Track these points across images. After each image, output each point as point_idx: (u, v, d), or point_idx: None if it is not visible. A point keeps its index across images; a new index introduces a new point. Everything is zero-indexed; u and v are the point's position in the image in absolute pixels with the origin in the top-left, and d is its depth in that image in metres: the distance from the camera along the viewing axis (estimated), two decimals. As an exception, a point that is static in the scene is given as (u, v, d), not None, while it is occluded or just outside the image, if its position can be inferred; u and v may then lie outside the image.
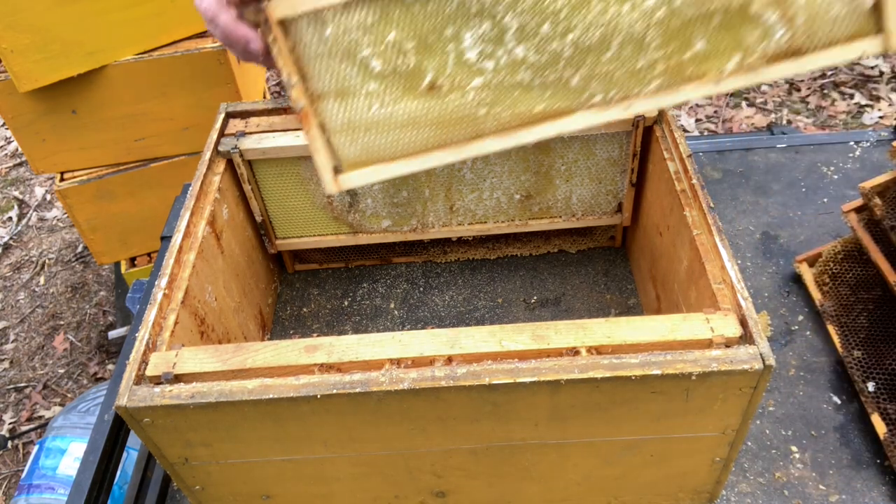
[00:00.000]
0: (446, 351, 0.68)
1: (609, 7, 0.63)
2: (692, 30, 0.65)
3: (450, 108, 0.71)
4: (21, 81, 1.61)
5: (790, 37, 0.65)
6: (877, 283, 0.97)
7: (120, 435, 0.92)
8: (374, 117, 0.72)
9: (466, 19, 0.66)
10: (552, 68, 0.67)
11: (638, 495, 0.81)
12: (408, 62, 0.69)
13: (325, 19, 0.67)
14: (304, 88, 0.71)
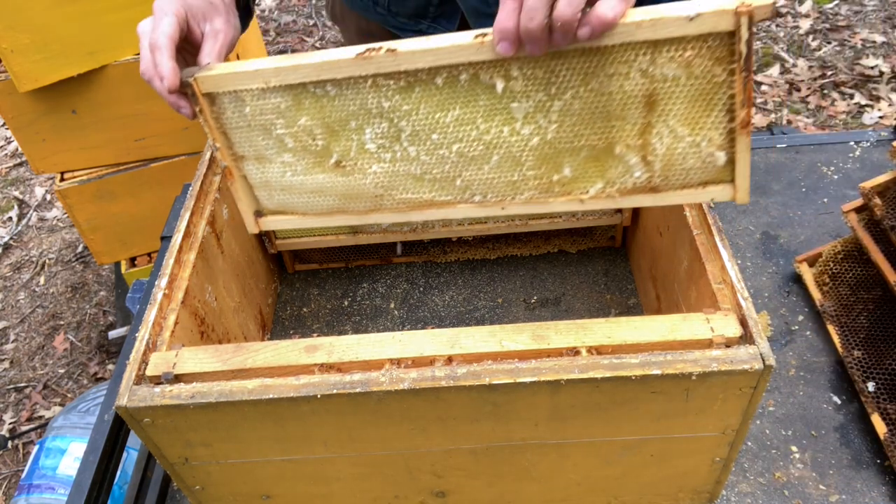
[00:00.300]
0: (446, 351, 0.68)
1: (491, 128, 0.71)
2: (562, 158, 0.72)
3: (352, 185, 0.79)
4: (21, 81, 1.61)
5: (648, 177, 0.72)
6: (877, 283, 0.97)
7: (120, 435, 0.92)
8: (288, 182, 0.81)
9: (368, 117, 0.73)
10: (440, 168, 0.75)
11: (638, 495, 0.81)
12: (317, 143, 0.77)
13: (244, 99, 0.75)
14: (228, 150, 0.80)
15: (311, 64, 0.70)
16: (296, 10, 3.77)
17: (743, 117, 0.65)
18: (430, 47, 0.67)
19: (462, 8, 1.06)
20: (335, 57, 0.70)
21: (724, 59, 0.63)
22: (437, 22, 1.09)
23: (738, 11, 0.60)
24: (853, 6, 3.17)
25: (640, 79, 0.65)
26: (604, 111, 0.68)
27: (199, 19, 0.80)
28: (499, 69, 0.68)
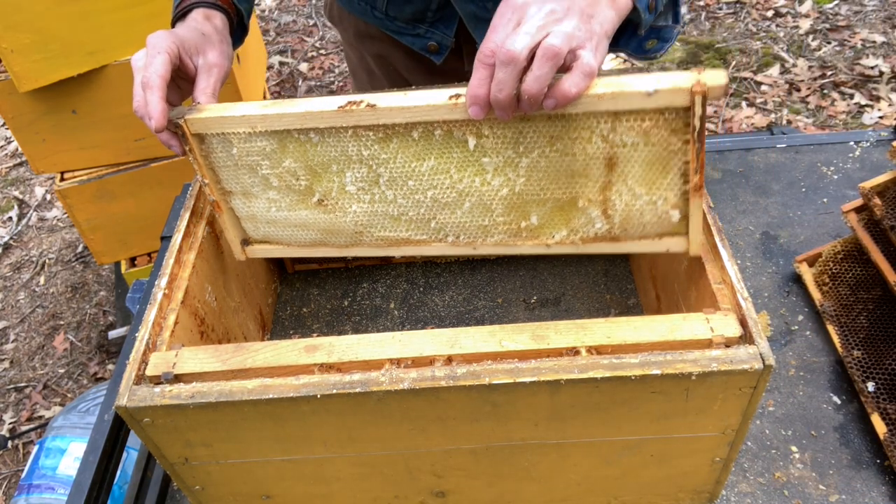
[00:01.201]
0: (446, 351, 0.68)
1: (464, 178, 0.76)
2: (529, 207, 0.78)
3: (334, 222, 0.85)
4: (21, 81, 1.61)
5: (608, 228, 0.78)
6: (877, 283, 0.97)
7: (120, 435, 0.92)
8: (273, 216, 0.87)
9: (348, 163, 0.78)
10: (415, 211, 0.81)
11: (638, 495, 0.81)
12: (300, 183, 0.82)
13: (232, 141, 0.80)
14: (216, 185, 0.85)
15: (295, 113, 0.75)
16: (296, 10, 3.77)
17: (695, 182, 0.70)
18: (407, 105, 0.71)
19: (460, 13, 1.06)
20: (318, 108, 0.74)
21: (679, 131, 0.67)
22: (435, 27, 1.09)
23: (694, 90, 0.64)
24: (853, 6, 3.17)
25: (602, 143, 0.70)
26: (568, 169, 0.73)
27: (191, 53, 0.82)
28: (471, 128, 0.73)
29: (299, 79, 3.31)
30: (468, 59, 1.16)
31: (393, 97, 0.73)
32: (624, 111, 0.67)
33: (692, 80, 0.64)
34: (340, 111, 0.73)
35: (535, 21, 0.64)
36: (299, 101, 0.76)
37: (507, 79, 0.64)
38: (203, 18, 0.87)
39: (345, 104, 0.73)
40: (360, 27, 1.20)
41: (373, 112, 0.72)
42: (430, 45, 1.11)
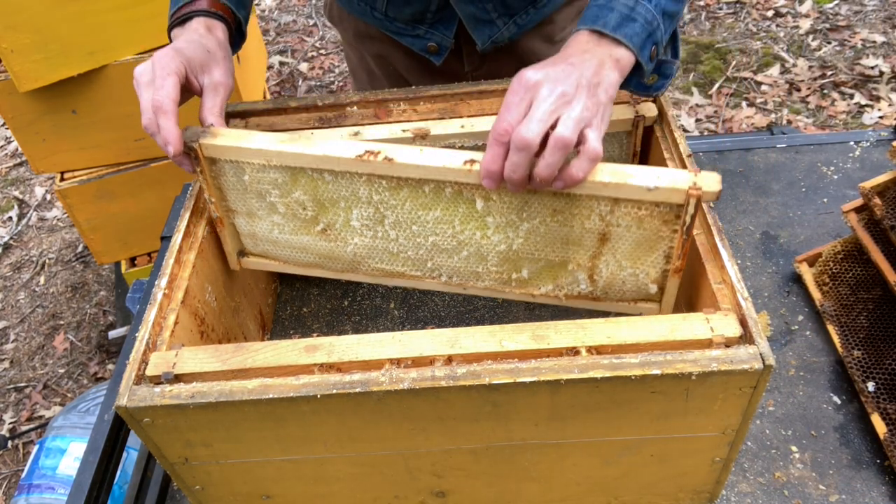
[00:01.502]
0: (446, 351, 0.68)
1: (465, 230, 0.80)
2: (522, 263, 0.82)
3: (333, 250, 0.88)
4: (21, 81, 1.61)
5: (591, 290, 0.83)
6: (877, 283, 0.97)
7: (120, 435, 0.92)
8: (274, 237, 0.89)
9: (357, 202, 0.81)
10: (414, 251, 0.84)
11: (638, 495, 0.81)
12: (306, 213, 0.84)
13: (244, 169, 0.82)
14: (221, 203, 0.87)
15: (313, 156, 0.77)
16: (296, 10, 3.77)
17: (676, 266, 0.76)
18: (424, 164, 0.75)
19: (459, 14, 1.05)
20: (335, 153, 0.77)
21: (670, 221, 0.73)
22: (435, 27, 1.09)
23: (690, 192, 0.70)
24: (853, 6, 3.17)
25: (599, 221, 0.76)
26: (564, 237, 0.78)
27: (197, 72, 0.83)
28: (481, 191, 0.77)
29: (299, 78, 3.31)
30: (468, 59, 1.16)
31: (410, 153, 0.76)
32: (623, 199, 0.73)
33: (689, 181, 0.70)
34: (358, 160, 0.76)
35: (547, 105, 0.68)
36: (317, 141, 0.78)
37: (522, 162, 0.68)
38: (205, 30, 0.87)
39: (363, 153, 0.76)
40: (359, 27, 1.20)
41: (389, 165, 0.75)
42: (430, 46, 1.11)
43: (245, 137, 0.80)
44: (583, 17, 0.78)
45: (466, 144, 0.94)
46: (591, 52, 0.73)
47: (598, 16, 0.75)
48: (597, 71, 0.71)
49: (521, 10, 1.08)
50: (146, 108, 0.79)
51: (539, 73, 0.70)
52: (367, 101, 0.97)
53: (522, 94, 0.70)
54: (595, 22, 0.75)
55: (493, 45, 1.10)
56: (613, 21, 0.74)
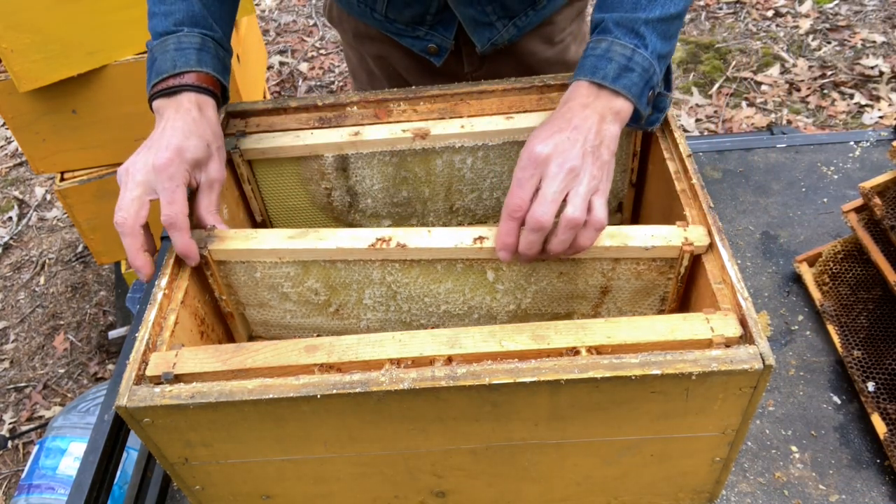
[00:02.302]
0: (446, 351, 0.68)
1: (476, 297, 0.84)
2: (530, 318, 0.87)
3: (347, 327, 0.91)
4: (21, 81, 1.61)
5: None
6: (877, 283, 0.97)
7: (120, 435, 0.92)
8: (286, 322, 0.92)
9: (369, 283, 0.84)
10: (426, 319, 0.88)
11: (638, 495, 0.81)
12: (319, 298, 0.87)
13: (256, 267, 0.83)
14: (232, 298, 0.88)
15: (326, 250, 0.79)
16: (296, 10, 3.77)
17: (672, 307, 0.83)
18: (436, 247, 0.78)
19: (459, 17, 1.06)
20: (348, 245, 0.79)
21: (665, 272, 0.80)
22: (435, 29, 1.09)
23: (683, 249, 0.76)
24: (853, 6, 3.18)
25: (601, 277, 0.82)
26: (569, 294, 0.85)
27: (195, 172, 0.82)
28: (491, 264, 0.81)
29: (299, 79, 3.31)
30: (467, 60, 1.16)
31: (421, 238, 0.78)
32: (623, 258, 0.79)
33: (681, 238, 0.76)
34: (371, 249, 0.78)
35: (557, 184, 0.72)
36: (328, 235, 0.80)
37: (536, 240, 0.73)
38: (198, 112, 0.83)
39: (375, 242, 0.78)
40: (359, 28, 1.20)
41: (402, 251, 0.78)
42: (430, 48, 1.11)
43: (254, 238, 0.80)
44: (581, 66, 0.80)
45: (466, 144, 0.94)
46: (592, 106, 0.76)
47: (596, 66, 0.78)
48: (598, 130, 0.75)
49: (520, 13, 1.08)
50: (127, 205, 0.76)
51: (547, 145, 0.73)
52: (367, 101, 0.97)
53: (532, 169, 0.73)
54: (594, 74, 0.77)
55: (493, 47, 1.10)
56: (612, 73, 0.77)
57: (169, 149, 0.78)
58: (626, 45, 0.77)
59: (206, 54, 0.86)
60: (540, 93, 0.97)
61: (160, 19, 0.88)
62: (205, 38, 0.87)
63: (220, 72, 0.88)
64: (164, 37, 0.86)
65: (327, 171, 0.97)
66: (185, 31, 0.87)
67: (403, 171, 0.98)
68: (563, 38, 1.20)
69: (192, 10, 0.88)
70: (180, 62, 0.84)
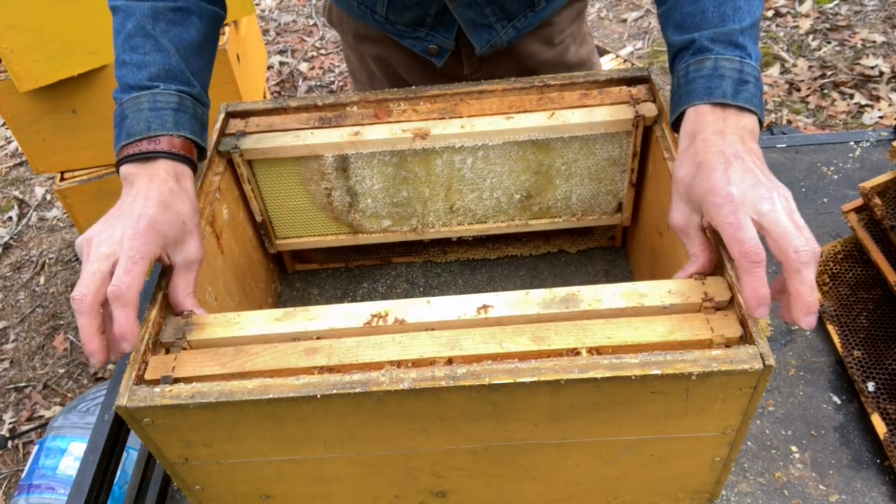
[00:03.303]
0: (447, 353, 0.68)
1: None
2: None
3: None
4: (21, 81, 1.62)
5: None
6: (877, 283, 0.97)
7: (120, 435, 0.92)
8: None
9: None
10: None
11: (638, 495, 0.81)
12: None
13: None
14: None
15: (317, 331, 0.73)
16: (296, 10, 3.77)
17: None
18: (437, 320, 0.72)
19: (458, 19, 1.06)
20: (341, 325, 0.73)
21: None
22: (435, 30, 1.09)
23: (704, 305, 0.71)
24: (853, 6, 3.18)
25: None
26: None
27: (170, 248, 0.75)
28: None
29: (299, 79, 3.31)
30: (467, 61, 1.16)
31: (420, 310, 0.73)
32: None
33: (700, 293, 0.71)
34: (367, 327, 0.73)
35: (783, 213, 0.68)
36: (319, 314, 0.73)
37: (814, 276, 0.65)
38: (175, 183, 0.76)
39: (370, 319, 0.73)
40: (359, 29, 1.20)
41: (400, 325, 0.73)
42: (431, 48, 1.11)
43: (237, 323, 0.73)
44: (689, 91, 0.75)
45: (466, 144, 0.94)
46: (726, 131, 0.71)
47: (710, 88, 0.73)
48: (750, 149, 0.71)
49: (519, 14, 1.08)
50: (88, 280, 0.67)
51: (732, 186, 0.68)
52: (367, 101, 0.97)
53: (740, 211, 0.67)
54: (711, 95, 0.73)
55: (492, 48, 1.10)
56: (730, 89, 0.72)
57: (142, 220, 0.71)
58: (732, 59, 0.74)
59: (184, 115, 0.79)
60: (540, 93, 0.97)
61: (132, 70, 0.80)
62: (182, 96, 0.80)
63: (198, 133, 0.82)
64: (137, 92, 0.79)
65: (327, 171, 0.97)
66: (161, 87, 0.79)
67: (403, 171, 0.98)
68: (563, 40, 1.20)
69: (168, 63, 0.80)
70: (155, 124, 0.77)
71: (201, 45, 0.85)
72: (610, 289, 0.72)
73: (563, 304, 0.71)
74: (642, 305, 0.71)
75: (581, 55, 1.25)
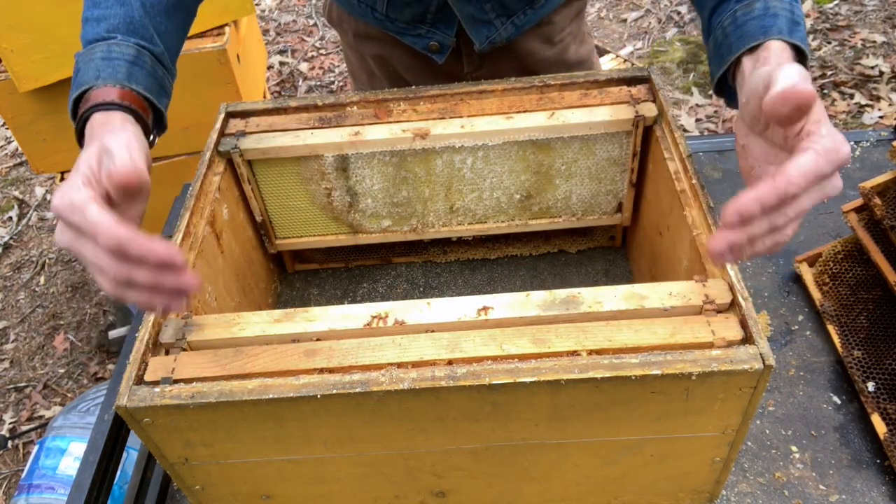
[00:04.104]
0: (447, 355, 0.68)
1: None
2: None
3: None
4: (21, 81, 1.62)
5: None
6: (877, 283, 0.97)
7: (120, 435, 0.92)
8: None
9: None
10: None
11: (638, 495, 0.81)
12: None
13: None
14: None
15: (317, 332, 0.73)
16: (296, 10, 3.77)
17: None
18: (437, 321, 0.72)
19: (458, 15, 1.06)
20: (341, 326, 0.73)
21: None
22: (436, 27, 1.09)
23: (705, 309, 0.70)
24: (853, 6, 3.18)
25: None
26: None
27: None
28: None
29: (299, 78, 3.31)
30: (467, 59, 1.16)
31: (420, 312, 0.72)
32: None
33: (701, 295, 0.71)
34: (367, 328, 0.73)
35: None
36: (318, 315, 0.73)
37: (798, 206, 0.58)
38: (135, 128, 0.68)
39: (370, 321, 0.72)
40: (359, 28, 1.20)
41: (399, 327, 0.73)
42: (432, 45, 1.11)
43: (237, 324, 0.73)
44: (741, 36, 0.69)
45: (466, 144, 0.94)
46: None
47: (765, 27, 0.68)
48: None
49: (518, 11, 1.08)
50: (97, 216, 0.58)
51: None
52: (367, 101, 0.97)
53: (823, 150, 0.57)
54: (768, 33, 0.67)
55: (491, 45, 1.10)
56: (786, 27, 0.68)
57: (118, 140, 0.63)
58: (782, 0, 0.70)
59: (140, 69, 0.72)
60: (540, 93, 0.97)
61: (91, 26, 0.75)
62: (141, 50, 0.74)
63: (154, 92, 0.74)
64: (92, 44, 0.73)
65: (327, 171, 0.97)
66: (119, 38, 0.73)
67: (403, 171, 0.98)
68: (563, 38, 1.20)
69: (129, 15, 0.74)
70: (105, 73, 0.70)
71: (172, 8, 0.79)
72: (610, 291, 0.72)
73: (563, 306, 0.71)
74: (643, 308, 0.71)
75: (581, 54, 1.25)
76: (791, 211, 0.57)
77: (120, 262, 0.59)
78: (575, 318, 0.71)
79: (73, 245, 0.59)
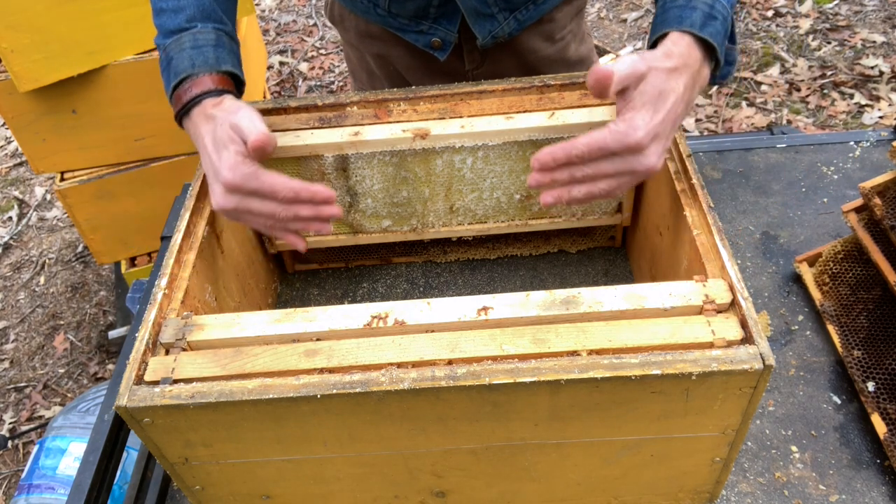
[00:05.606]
0: (447, 355, 0.68)
1: None
2: None
3: None
4: (21, 81, 1.61)
5: None
6: (877, 283, 0.97)
7: (120, 435, 0.92)
8: None
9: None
10: None
11: (638, 495, 0.81)
12: None
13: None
14: None
15: (317, 332, 0.73)
16: (296, 10, 3.77)
17: None
18: (437, 322, 0.72)
19: (461, 8, 1.06)
20: (341, 326, 0.73)
21: None
22: (438, 22, 1.09)
23: (705, 309, 0.71)
24: (853, 6, 3.17)
25: None
26: None
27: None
28: None
29: (299, 78, 3.31)
30: (468, 57, 1.16)
31: (420, 312, 0.72)
32: None
33: (701, 295, 0.71)
34: (367, 328, 0.72)
35: None
36: (318, 315, 0.73)
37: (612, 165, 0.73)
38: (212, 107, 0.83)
39: (370, 321, 0.72)
40: (360, 26, 1.20)
41: (399, 326, 0.73)
42: (434, 42, 1.11)
43: (237, 324, 0.73)
44: (664, 19, 0.79)
45: (466, 144, 0.94)
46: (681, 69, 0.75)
47: (681, 17, 0.77)
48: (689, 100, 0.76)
49: (521, 6, 1.08)
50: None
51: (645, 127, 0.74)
52: (367, 101, 0.97)
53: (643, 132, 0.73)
54: (681, 23, 0.77)
55: (493, 39, 1.10)
56: (699, 21, 0.76)
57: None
58: None
59: (223, 50, 0.86)
60: (540, 93, 0.97)
61: (170, 16, 0.87)
62: (219, 33, 0.87)
63: (237, 67, 0.89)
64: (177, 34, 0.86)
65: (327, 171, 0.97)
66: (199, 27, 0.86)
67: (403, 171, 0.98)
68: (564, 36, 1.20)
69: (202, 4, 0.87)
70: (198, 61, 0.84)
71: None
72: (610, 291, 0.72)
73: (563, 307, 0.71)
74: (643, 308, 0.71)
75: (581, 53, 1.25)
76: (588, 168, 0.73)
77: (289, 206, 0.79)
78: (575, 318, 0.71)
79: (240, 204, 0.79)
